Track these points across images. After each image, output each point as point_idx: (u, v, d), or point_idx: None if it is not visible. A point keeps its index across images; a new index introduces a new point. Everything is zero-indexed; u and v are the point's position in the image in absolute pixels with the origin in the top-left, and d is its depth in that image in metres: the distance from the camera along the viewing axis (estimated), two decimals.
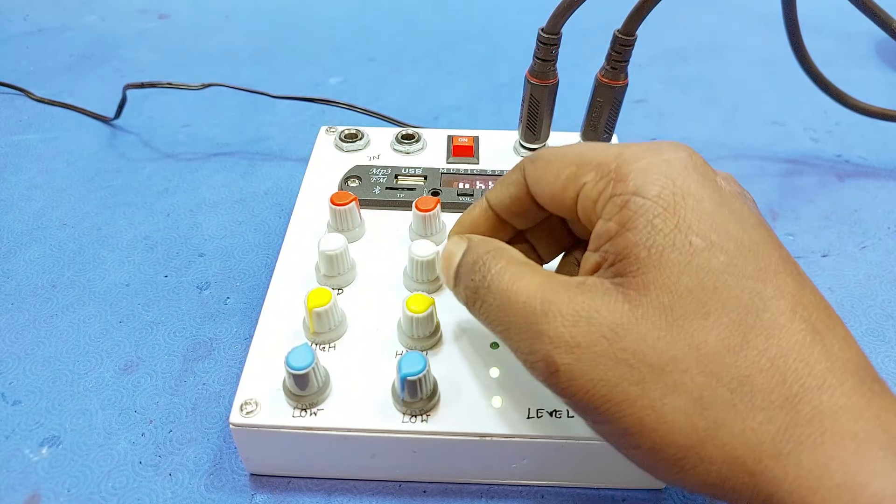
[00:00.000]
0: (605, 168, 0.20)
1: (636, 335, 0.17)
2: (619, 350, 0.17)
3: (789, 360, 0.16)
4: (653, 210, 0.18)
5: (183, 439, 0.29)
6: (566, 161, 0.21)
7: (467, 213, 0.26)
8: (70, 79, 0.56)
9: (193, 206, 0.42)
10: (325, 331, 0.27)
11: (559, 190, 0.21)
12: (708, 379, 0.17)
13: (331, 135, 0.39)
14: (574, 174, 0.21)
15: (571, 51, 0.41)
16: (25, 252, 0.38)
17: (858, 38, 0.62)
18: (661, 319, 0.17)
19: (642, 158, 0.19)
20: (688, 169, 0.19)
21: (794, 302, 0.17)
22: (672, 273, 0.17)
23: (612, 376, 0.18)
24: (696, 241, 0.18)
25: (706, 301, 0.17)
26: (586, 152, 0.21)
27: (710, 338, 0.17)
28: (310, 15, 0.68)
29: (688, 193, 0.18)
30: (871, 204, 0.43)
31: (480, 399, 0.25)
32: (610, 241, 0.19)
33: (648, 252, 0.18)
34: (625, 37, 0.32)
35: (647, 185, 0.18)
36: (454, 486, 0.27)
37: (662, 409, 0.17)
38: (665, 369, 0.17)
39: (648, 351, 0.17)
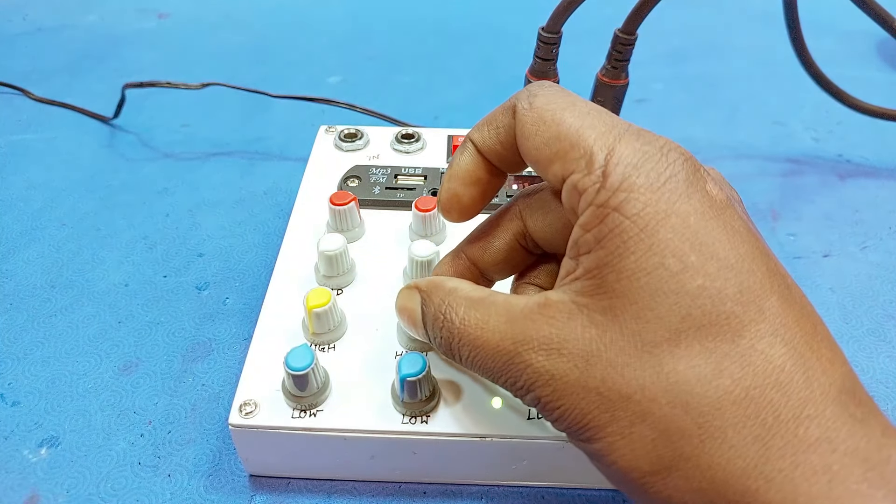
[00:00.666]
0: (594, 164, 0.18)
1: (605, 362, 0.17)
2: (590, 378, 0.17)
3: (765, 390, 0.16)
4: (629, 230, 0.17)
5: (182, 440, 0.29)
6: (561, 131, 0.19)
7: (456, 164, 0.22)
8: (69, 78, 0.56)
9: (193, 206, 0.42)
10: (324, 331, 0.27)
11: (546, 159, 0.19)
12: (675, 410, 0.16)
13: (330, 134, 0.39)
14: (565, 152, 0.19)
15: (572, 50, 0.41)
16: (24, 252, 0.38)
17: (859, 37, 0.62)
18: (629, 346, 0.17)
19: (632, 163, 0.18)
20: (677, 179, 0.17)
21: (777, 324, 0.16)
22: (641, 298, 0.17)
23: (585, 404, 0.17)
24: (672, 264, 0.17)
25: (677, 327, 0.16)
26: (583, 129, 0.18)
27: (680, 366, 0.16)
28: (310, 15, 0.67)
29: (671, 211, 0.17)
30: (872, 204, 0.42)
31: (480, 400, 0.25)
32: (587, 255, 0.18)
33: (618, 276, 0.17)
34: (625, 36, 0.32)
35: (629, 202, 0.17)
36: (454, 487, 0.27)
37: (630, 437, 0.17)
38: (633, 398, 0.17)
39: (617, 378, 0.17)
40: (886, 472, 0.15)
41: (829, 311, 0.35)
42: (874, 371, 0.32)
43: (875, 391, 0.31)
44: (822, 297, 0.36)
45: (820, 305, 0.35)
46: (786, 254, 0.38)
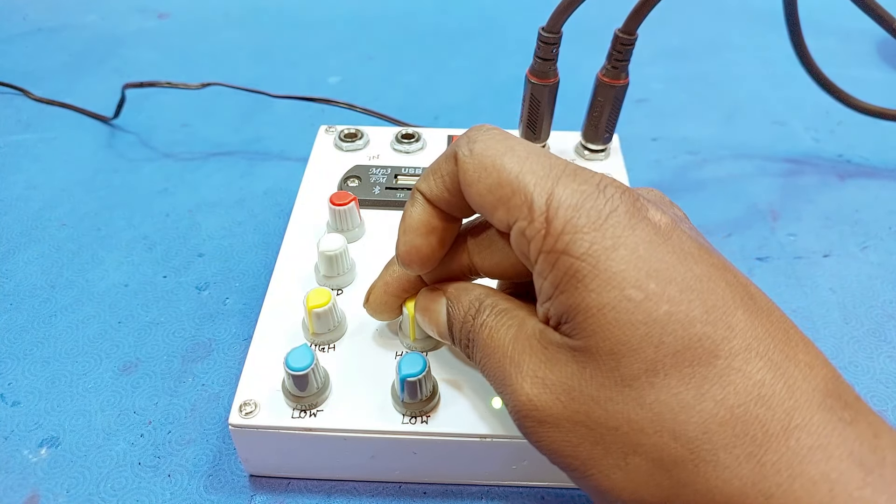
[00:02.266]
0: (536, 211, 0.18)
1: (587, 398, 0.17)
2: (574, 412, 0.17)
3: (749, 407, 0.15)
4: (582, 269, 0.17)
5: (182, 440, 0.29)
6: (501, 178, 0.19)
7: (409, 216, 0.22)
8: (69, 78, 0.56)
9: (192, 207, 0.42)
10: (324, 331, 0.27)
11: (490, 205, 0.19)
12: (665, 439, 0.16)
13: (330, 134, 0.39)
14: (507, 199, 0.19)
15: (572, 50, 0.41)
16: (24, 252, 0.38)
17: (860, 37, 0.62)
18: (609, 381, 0.17)
19: (571, 204, 0.18)
20: (618, 213, 0.17)
21: (748, 337, 0.16)
22: (612, 334, 0.17)
23: (573, 437, 0.17)
24: (634, 294, 0.17)
25: (653, 357, 0.16)
26: (523, 176, 0.18)
27: (662, 395, 0.16)
28: (310, 15, 0.67)
29: (618, 244, 0.17)
30: (872, 204, 0.42)
31: (480, 400, 0.25)
32: (549, 301, 0.18)
33: (585, 316, 0.17)
34: (626, 36, 0.32)
35: (574, 242, 0.17)
36: (454, 487, 0.27)
37: (627, 468, 0.17)
38: (621, 430, 0.17)
39: (602, 413, 0.17)
40: (886, 475, 0.15)
41: (829, 311, 0.35)
42: (874, 371, 0.32)
43: (875, 391, 0.31)
44: (823, 298, 0.36)
45: (820, 305, 0.35)
46: (786, 254, 0.38)
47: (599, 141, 0.37)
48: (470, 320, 0.22)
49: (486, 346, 0.20)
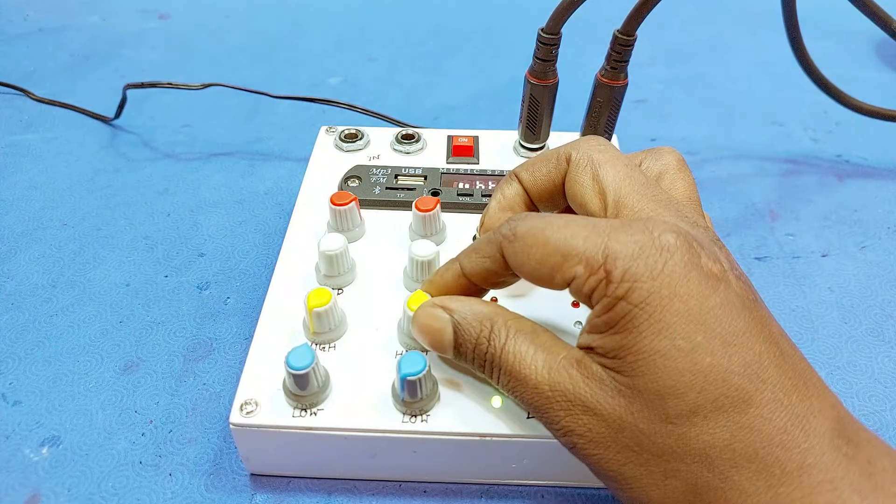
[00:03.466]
0: (593, 264, 0.20)
1: (634, 429, 0.19)
2: (622, 438, 0.19)
3: (772, 448, 0.18)
4: (639, 317, 0.19)
5: (183, 439, 0.29)
6: (549, 249, 0.21)
7: (440, 276, 0.25)
8: (70, 79, 0.56)
9: (194, 206, 0.42)
10: (325, 331, 0.27)
11: (545, 276, 0.21)
12: (701, 468, 0.18)
13: (331, 135, 0.39)
14: (560, 264, 0.21)
15: (571, 51, 0.41)
16: (26, 252, 0.38)
17: (858, 37, 0.62)
18: (654, 417, 0.19)
19: (628, 255, 0.19)
20: (675, 262, 0.19)
21: (777, 390, 0.18)
22: (660, 377, 0.19)
23: (620, 458, 0.20)
24: (682, 345, 0.18)
25: (695, 401, 0.18)
26: (570, 240, 0.21)
27: (701, 434, 0.18)
28: (310, 15, 0.68)
29: (673, 295, 0.19)
30: (870, 204, 0.43)
31: (480, 399, 0.25)
32: (599, 335, 0.20)
33: (635, 357, 0.19)
34: (625, 37, 0.32)
35: (634, 291, 0.19)
36: (454, 486, 0.27)
37: (665, 488, 0.19)
38: (663, 457, 0.19)
39: (647, 442, 0.19)
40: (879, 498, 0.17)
41: (828, 310, 0.35)
42: (873, 371, 0.32)
43: (873, 391, 0.31)
44: (821, 297, 0.36)
45: (818, 305, 0.35)
46: (784, 254, 0.39)
47: None
48: (484, 342, 0.23)
49: (515, 372, 0.22)
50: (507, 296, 0.30)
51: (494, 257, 0.23)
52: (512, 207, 0.26)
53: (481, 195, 0.34)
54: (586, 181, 0.24)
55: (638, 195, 0.22)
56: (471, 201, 0.34)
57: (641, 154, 0.26)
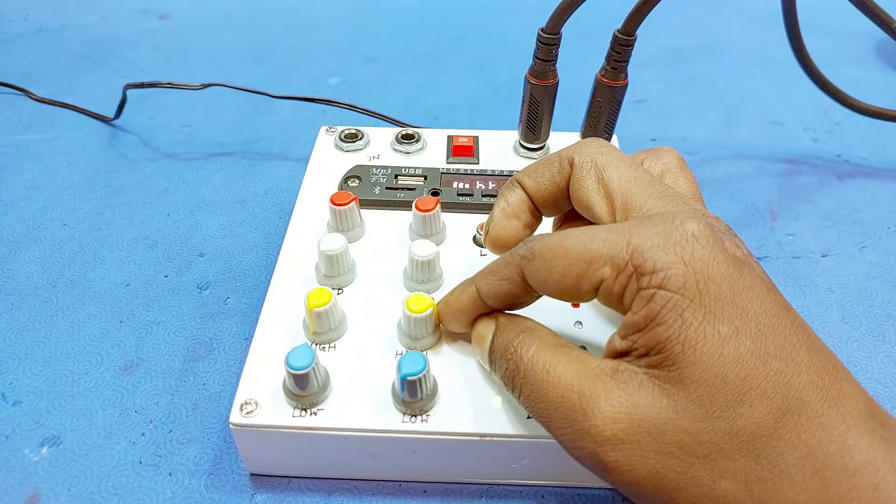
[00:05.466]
0: (619, 262, 0.19)
1: (678, 429, 0.18)
2: (664, 444, 0.18)
3: (813, 432, 0.18)
4: (681, 304, 0.18)
5: (183, 439, 0.29)
6: (571, 258, 0.21)
7: (455, 300, 0.25)
8: (70, 79, 0.56)
9: (193, 206, 0.42)
10: (325, 331, 0.27)
11: (571, 287, 0.21)
12: (750, 462, 0.18)
13: (331, 135, 0.39)
14: (584, 271, 0.20)
15: (571, 51, 0.41)
16: (26, 252, 0.38)
17: (858, 37, 0.62)
18: (700, 412, 0.18)
19: (654, 245, 0.19)
20: (703, 249, 0.19)
21: (811, 374, 0.18)
22: (706, 366, 0.18)
23: (661, 468, 0.18)
24: (724, 330, 0.18)
25: (740, 389, 0.18)
26: (590, 244, 0.20)
27: (748, 424, 0.18)
28: (310, 15, 0.68)
29: (709, 279, 0.18)
30: (870, 204, 0.43)
31: (480, 399, 0.26)
32: (639, 333, 0.19)
33: (682, 347, 0.18)
34: (625, 37, 0.32)
35: (670, 278, 0.19)
36: (454, 486, 0.27)
37: (713, 494, 0.18)
38: (710, 457, 0.18)
39: (692, 443, 0.18)
40: None
41: (828, 310, 0.35)
42: (873, 371, 0.32)
43: (874, 391, 0.31)
44: (821, 297, 0.36)
45: (818, 305, 0.35)
46: (784, 254, 0.39)
47: None
48: (512, 349, 0.22)
49: (543, 380, 0.21)
50: None
51: (513, 279, 0.23)
52: (517, 214, 0.26)
53: (481, 195, 0.34)
54: (591, 185, 0.23)
55: (645, 194, 0.22)
56: (471, 201, 0.34)
57: (641, 154, 0.26)
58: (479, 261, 0.31)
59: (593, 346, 0.27)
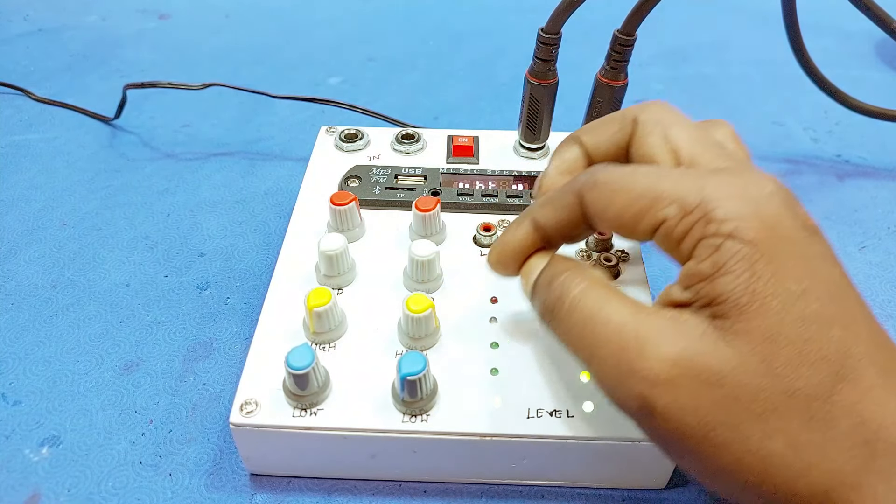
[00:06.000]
0: (688, 204, 0.19)
1: (737, 383, 0.18)
2: (720, 396, 0.18)
3: (866, 404, 0.18)
4: (751, 256, 0.18)
5: (183, 439, 0.29)
6: (636, 192, 0.20)
7: (509, 234, 0.24)
8: (70, 79, 0.56)
9: (194, 206, 0.42)
10: (325, 331, 0.27)
11: (629, 221, 0.20)
12: (803, 425, 0.18)
13: (331, 135, 0.39)
14: (648, 207, 0.20)
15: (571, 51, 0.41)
16: (26, 252, 0.38)
17: (858, 37, 0.62)
18: (762, 367, 0.18)
19: (729, 195, 0.19)
20: (779, 207, 0.19)
21: (869, 347, 0.18)
22: (773, 322, 0.18)
23: (711, 420, 0.18)
24: (793, 289, 0.18)
25: (803, 350, 0.18)
26: (659, 183, 0.20)
27: (806, 386, 0.18)
28: (310, 15, 0.68)
29: (782, 238, 0.18)
30: (870, 204, 0.43)
31: (480, 399, 0.26)
32: (704, 282, 0.19)
33: (750, 299, 0.18)
34: (625, 36, 0.32)
35: (742, 229, 0.18)
36: (454, 485, 0.27)
37: (761, 453, 0.18)
38: (763, 416, 0.18)
39: (748, 398, 0.18)
40: None
41: None
42: None
43: None
44: None
45: None
46: None
47: None
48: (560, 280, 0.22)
49: (592, 315, 0.20)
50: (506, 297, 0.30)
51: (572, 207, 0.22)
52: (571, 171, 0.25)
53: (481, 195, 0.34)
54: (657, 142, 0.23)
55: (712, 154, 0.21)
56: (471, 201, 0.34)
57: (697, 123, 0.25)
58: (480, 261, 0.31)
59: None
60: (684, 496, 0.27)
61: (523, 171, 0.36)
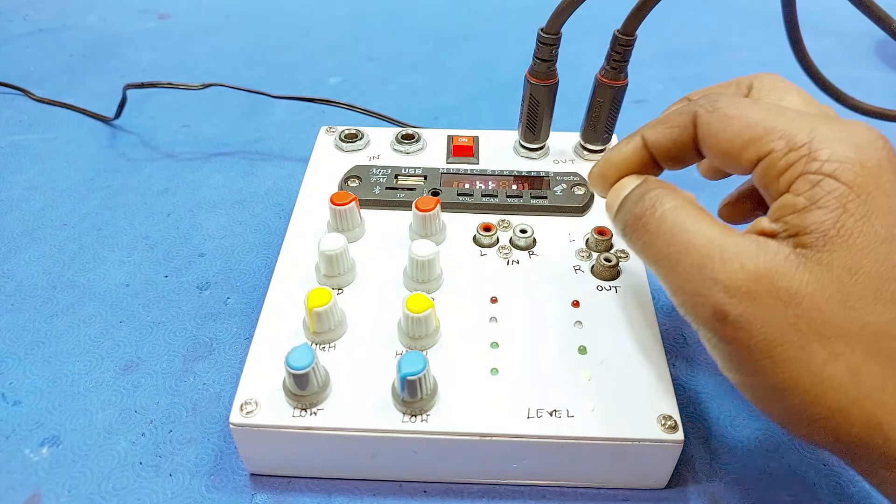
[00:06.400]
0: (797, 140, 0.20)
1: (811, 306, 0.19)
2: (793, 315, 0.19)
3: None
4: (847, 195, 0.19)
5: (183, 439, 0.29)
6: (752, 121, 0.21)
7: (616, 149, 0.25)
8: (70, 79, 0.56)
9: (194, 207, 0.42)
10: (325, 331, 0.27)
11: (737, 149, 0.21)
12: (867, 356, 0.19)
13: (331, 135, 0.39)
14: (758, 138, 0.21)
15: (571, 51, 0.41)
16: (26, 252, 0.38)
17: (858, 38, 0.62)
18: (837, 295, 0.19)
19: (837, 140, 0.20)
20: (881, 159, 0.20)
21: None
22: (856, 256, 0.19)
23: (780, 336, 0.19)
24: (881, 232, 0.19)
25: (880, 288, 0.19)
26: (773, 118, 0.21)
27: (876, 321, 0.19)
28: (310, 15, 0.68)
29: (878, 187, 0.19)
30: None
31: (480, 399, 0.26)
32: (796, 214, 0.20)
33: (837, 232, 0.19)
34: (625, 37, 0.32)
35: (842, 171, 0.19)
36: (454, 485, 0.27)
37: (821, 375, 0.19)
38: (831, 340, 0.19)
39: (820, 321, 0.19)
40: None
41: None
42: None
43: None
44: None
45: None
46: None
47: (598, 141, 0.37)
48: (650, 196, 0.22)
49: (679, 228, 0.21)
50: (506, 297, 0.30)
51: (684, 127, 0.23)
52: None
53: (481, 195, 0.34)
54: None
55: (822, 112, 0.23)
56: (471, 201, 0.34)
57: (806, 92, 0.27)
58: (480, 261, 0.31)
59: (593, 345, 0.27)
60: (684, 496, 0.27)
61: (523, 171, 0.36)
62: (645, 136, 0.24)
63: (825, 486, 0.27)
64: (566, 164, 0.37)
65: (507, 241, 0.32)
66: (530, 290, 0.30)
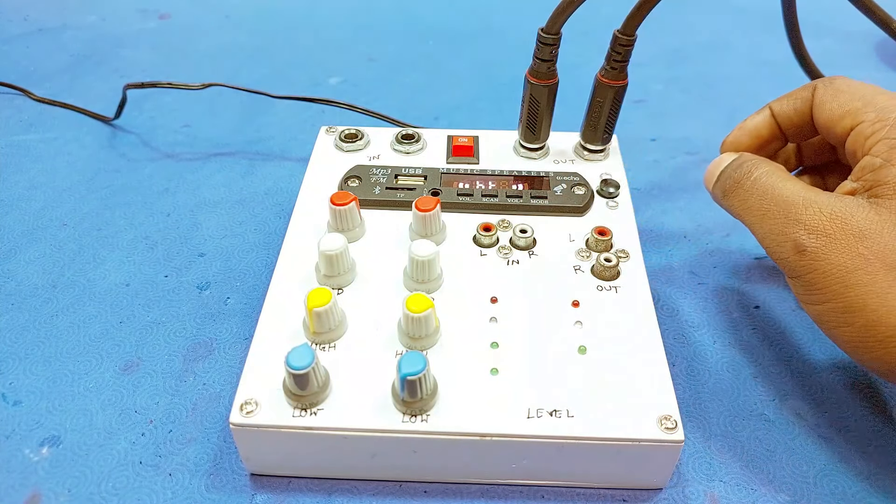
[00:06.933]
0: (886, 114, 0.25)
1: (879, 239, 0.23)
2: (863, 247, 0.23)
3: None
4: None
5: (183, 439, 0.29)
6: (855, 95, 0.27)
7: (748, 120, 0.31)
8: (70, 79, 0.56)
9: (194, 207, 0.42)
10: (325, 331, 0.27)
11: (837, 117, 0.27)
12: None
13: (331, 135, 0.39)
14: (857, 109, 0.26)
15: (571, 51, 0.41)
16: (26, 252, 0.38)
17: (858, 38, 0.62)
18: None
19: None
20: None
21: None
22: None
23: (851, 264, 0.23)
24: None
25: None
26: (875, 95, 0.26)
27: None
28: (310, 15, 0.68)
29: None
30: None
31: (480, 399, 0.26)
32: (872, 172, 0.24)
33: None
34: (625, 37, 0.32)
35: None
36: (454, 486, 0.27)
37: (886, 296, 0.23)
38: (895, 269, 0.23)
39: (887, 253, 0.23)
40: None
41: None
42: None
43: (875, 390, 0.31)
44: None
45: None
46: None
47: (598, 141, 0.37)
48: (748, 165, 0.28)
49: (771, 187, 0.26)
50: (506, 297, 0.30)
51: (805, 98, 0.29)
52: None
53: (481, 195, 0.34)
54: None
55: None
56: (471, 201, 0.34)
57: None
58: (480, 261, 0.31)
59: (593, 345, 0.27)
60: (684, 496, 0.27)
61: (523, 171, 0.36)
62: (772, 107, 0.30)
63: (825, 485, 0.27)
64: (566, 164, 0.37)
65: (507, 241, 0.32)
66: (530, 290, 0.30)
